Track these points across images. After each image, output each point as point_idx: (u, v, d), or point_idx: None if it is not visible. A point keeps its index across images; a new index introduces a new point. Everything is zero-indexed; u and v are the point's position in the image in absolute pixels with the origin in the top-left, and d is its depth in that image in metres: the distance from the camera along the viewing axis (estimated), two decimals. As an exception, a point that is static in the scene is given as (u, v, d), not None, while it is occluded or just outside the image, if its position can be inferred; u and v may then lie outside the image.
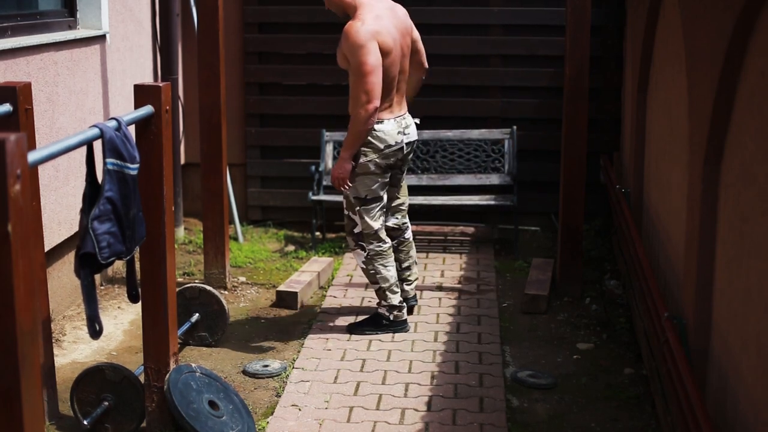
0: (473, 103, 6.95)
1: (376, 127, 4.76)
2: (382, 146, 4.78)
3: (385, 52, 4.66)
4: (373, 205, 4.88)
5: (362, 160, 4.78)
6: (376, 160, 4.80)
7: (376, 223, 4.91)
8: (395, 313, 5.04)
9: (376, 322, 5.06)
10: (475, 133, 6.75)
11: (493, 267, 6.22)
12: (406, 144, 4.92)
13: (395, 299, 5.03)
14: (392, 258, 5.03)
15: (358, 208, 4.87)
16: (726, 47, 2.95)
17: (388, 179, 4.94)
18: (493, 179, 6.69)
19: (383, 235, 4.97)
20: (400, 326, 5.05)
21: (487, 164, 6.76)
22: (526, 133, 6.87)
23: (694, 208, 3.46)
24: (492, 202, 6.52)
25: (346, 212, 4.94)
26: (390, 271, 5.00)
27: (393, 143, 4.82)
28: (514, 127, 6.68)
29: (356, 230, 4.93)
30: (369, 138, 4.75)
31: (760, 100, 2.73)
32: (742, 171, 2.96)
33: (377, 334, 5.01)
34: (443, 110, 6.92)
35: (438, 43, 6.89)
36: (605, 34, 6.78)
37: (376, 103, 4.60)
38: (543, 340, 5.03)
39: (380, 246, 4.95)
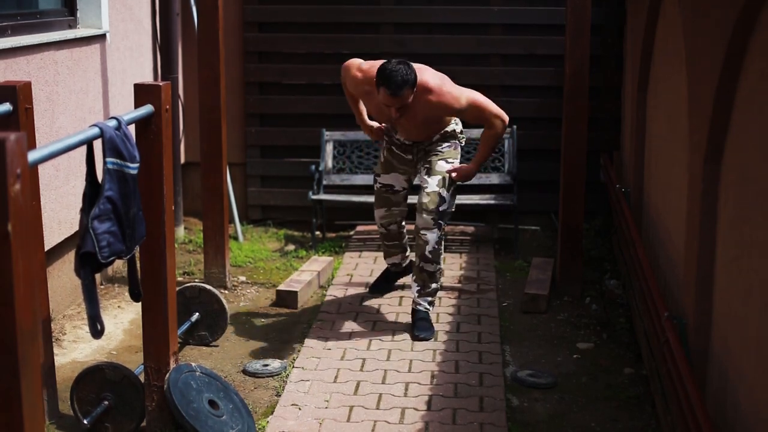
0: (473, 103, 6.94)
1: (463, 131, 5.34)
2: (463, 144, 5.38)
3: None
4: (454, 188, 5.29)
5: (458, 149, 5.29)
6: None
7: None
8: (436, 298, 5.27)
9: (428, 323, 5.07)
10: (475, 133, 6.74)
11: (493, 266, 6.22)
12: None
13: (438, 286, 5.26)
14: None
15: (454, 187, 5.15)
16: (726, 47, 2.95)
17: None
18: (493, 179, 6.69)
19: None
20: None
21: (487, 164, 6.75)
22: (526, 132, 6.87)
23: (694, 208, 3.46)
24: (492, 202, 6.52)
25: (437, 189, 5.05)
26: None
27: None
28: (514, 127, 6.68)
29: (441, 207, 5.07)
30: (461, 137, 5.28)
31: (760, 100, 2.74)
32: (742, 171, 2.96)
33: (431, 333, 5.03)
34: (443, 110, 6.91)
35: (438, 43, 6.89)
36: (605, 33, 6.78)
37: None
38: (543, 339, 5.03)
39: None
